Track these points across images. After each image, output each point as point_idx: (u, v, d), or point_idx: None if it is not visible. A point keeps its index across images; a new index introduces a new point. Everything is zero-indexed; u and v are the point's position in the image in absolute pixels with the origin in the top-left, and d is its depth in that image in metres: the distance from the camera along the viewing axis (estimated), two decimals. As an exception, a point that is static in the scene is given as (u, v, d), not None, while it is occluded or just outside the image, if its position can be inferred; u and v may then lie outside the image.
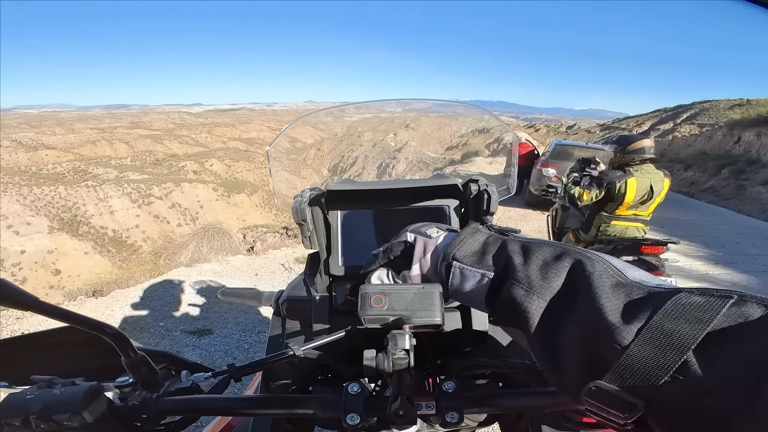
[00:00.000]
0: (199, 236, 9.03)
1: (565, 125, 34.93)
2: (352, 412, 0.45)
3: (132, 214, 32.46)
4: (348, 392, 0.47)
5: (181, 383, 0.51)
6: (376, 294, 0.48)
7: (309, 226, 0.68)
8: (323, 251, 0.71)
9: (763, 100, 16.93)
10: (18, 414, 0.41)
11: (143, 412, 0.45)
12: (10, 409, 0.42)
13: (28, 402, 0.42)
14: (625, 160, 2.77)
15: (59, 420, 0.41)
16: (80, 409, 0.41)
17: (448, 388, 0.47)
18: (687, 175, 14.02)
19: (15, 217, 27.28)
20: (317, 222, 0.70)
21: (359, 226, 0.71)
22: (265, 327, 3.30)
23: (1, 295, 0.38)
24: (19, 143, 43.72)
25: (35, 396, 0.42)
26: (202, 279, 4.32)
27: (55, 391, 0.43)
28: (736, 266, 5.27)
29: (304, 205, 0.67)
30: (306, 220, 0.67)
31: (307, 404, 0.49)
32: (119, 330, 0.46)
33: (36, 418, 0.41)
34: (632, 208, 2.85)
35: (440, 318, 0.48)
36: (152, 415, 0.46)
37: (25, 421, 0.41)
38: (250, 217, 38.76)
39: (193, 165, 46.45)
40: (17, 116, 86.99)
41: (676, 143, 17.96)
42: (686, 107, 23.19)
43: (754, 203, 10.17)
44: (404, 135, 2.63)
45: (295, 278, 0.81)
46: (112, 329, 0.45)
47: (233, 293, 1.02)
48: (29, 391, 0.43)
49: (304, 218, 0.67)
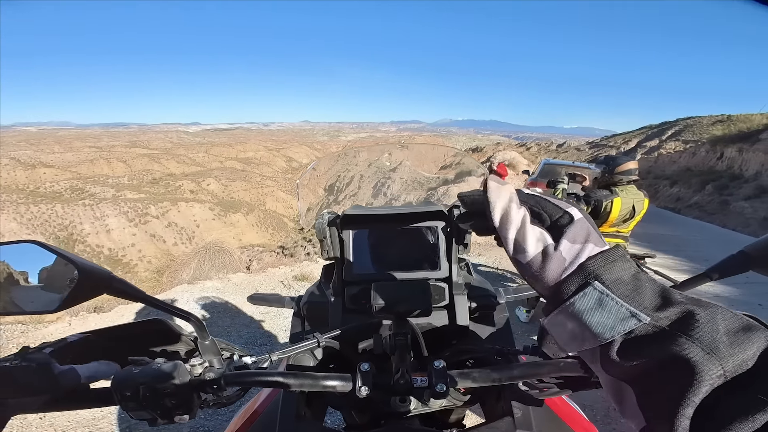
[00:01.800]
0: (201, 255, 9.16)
1: (556, 143, 35.61)
2: (364, 385, 0.57)
3: (128, 233, 32.37)
4: (360, 369, 0.59)
5: (236, 363, 0.62)
6: (383, 289, 0.70)
7: (328, 241, 0.85)
8: (338, 262, 0.86)
9: (743, 116, 17.28)
10: (129, 385, 0.50)
11: (214, 384, 0.56)
12: (123, 382, 0.51)
13: (135, 376, 0.51)
14: (613, 180, 2.94)
15: (161, 389, 0.51)
16: (174, 380, 0.51)
17: (438, 365, 0.59)
18: (673, 191, 14.29)
19: (12, 235, 27.17)
20: (333, 238, 0.86)
21: (367, 242, 0.87)
22: (266, 340, 3.51)
23: (116, 288, 0.50)
24: (17, 161, 43.80)
25: (140, 371, 0.51)
26: (205, 295, 4.45)
27: (154, 367, 0.52)
28: (720, 279, 5.45)
29: (324, 225, 0.84)
30: (326, 237, 0.85)
31: (329, 380, 0.59)
32: (200, 319, 0.57)
33: (144, 387, 0.50)
34: (614, 226, 3.02)
35: (429, 306, 0.71)
36: (220, 386, 0.56)
37: (135, 391, 0.50)
38: (246, 236, 38.66)
39: (190, 184, 46.61)
40: (17, 134, 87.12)
41: (662, 160, 18.34)
42: (671, 124, 23.58)
43: (738, 218, 10.43)
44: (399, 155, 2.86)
45: (311, 286, 0.98)
46: (195, 317, 0.57)
47: (260, 298, 1.15)
48: (133, 368, 0.52)
49: (325, 235, 0.84)
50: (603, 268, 0.33)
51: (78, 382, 0.52)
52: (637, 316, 0.30)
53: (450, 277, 0.85)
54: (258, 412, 0.80)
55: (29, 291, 0.50)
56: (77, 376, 0.52)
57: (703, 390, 0.26)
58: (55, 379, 0.48)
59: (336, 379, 0.59)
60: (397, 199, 1.71)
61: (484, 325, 0.86)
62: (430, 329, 0.79)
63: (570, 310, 0.33)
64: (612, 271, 0.33)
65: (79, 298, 0.47)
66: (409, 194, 1.72)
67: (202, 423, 2.38)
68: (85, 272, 0.47)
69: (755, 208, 10.53)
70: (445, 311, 0.83)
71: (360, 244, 0.86)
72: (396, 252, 0.86)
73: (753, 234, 8.92)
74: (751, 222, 9.92)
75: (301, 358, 0.73)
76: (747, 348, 0.28)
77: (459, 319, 0.81)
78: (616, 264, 0.33)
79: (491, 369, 0.60)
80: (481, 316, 0.88)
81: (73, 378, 0.51)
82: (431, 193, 1.81)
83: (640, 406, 0.30)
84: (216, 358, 0.59)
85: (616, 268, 0.33)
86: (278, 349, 0.66)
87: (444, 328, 0.80)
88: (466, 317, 0.82)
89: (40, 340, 3.22)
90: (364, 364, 0.59)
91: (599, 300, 0.32)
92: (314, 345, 0.68)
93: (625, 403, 0.31)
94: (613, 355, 0.31)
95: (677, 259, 6.14)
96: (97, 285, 0.48)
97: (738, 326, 0.29)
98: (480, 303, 0.86)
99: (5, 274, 0.50)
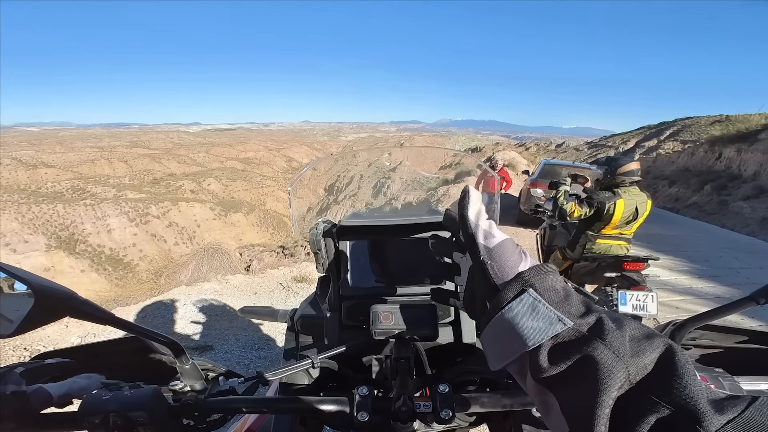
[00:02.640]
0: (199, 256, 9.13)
1: (555, 143, 35.53)
2: (362, 411, 0.52)
3: (129, 232, 32.40)
4: (358, 394, 0.54)
5: (221, 386, 0.59)
6: (384, 312, 0.65)
7: (323, 253, 0.77)
8: (334, 275, 0.79)
9: (741, 116, 17.22)
10: (98, 412, 0.46)
11: (194, 410, 0.52)
12: (90, 409, 0.47)
13: (105, 402, 0.47)
14: (615, 181, 2.89)
15: (133, 417, 0.46)
16: (148, 407, 0.47)
17: (443, 390, 0.54)
18: (671, 191, 14.26)
19: (13, 235, 27.24)
20: (329, 250, 0.78)
21: (365, 253, 0.79)
22: (264, 344, 3.44)
23: (79, 309, 0.45)
24: (19, 161, 43.92)
25: (111, 397, 0.48)
26: (203, 297, 4.38)
27: (126, 393, 0.48)
28: (719, 279, 5.35)
29: (319, 236, 0.76)
30: (320, 249, 0.76)
31: (324, 404, 0.55)
32: (177, 341, 0.53)
33: (114, 415, 0.46)
34: (617, 228, 2.97)
35: (436, 330, 0.65)
36: (201, 413, 0.52)
37: (104, 419, 0.46)
38: (246, 236, 38.66)
39: (191, 184, 46.60)
40: (18, 134, 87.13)
41: (660, 160, 18.27)
42: (669, 124, 23.52)
43: (736, 218, 10.43)
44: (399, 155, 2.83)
45: (306, 298, 0.91)
46: (171, 340, 0.52)
47: (251, 311, 1.09)
48: (103, 393, 0.49)
49: (319, 248, 0.76)
50: (537, 278, 0.36)
51: (49, 401, 0.49)
52: (563, 320, 0.33)
53: (456, 291, 0.77)
54: (251, 430, 0.76)
55: None
56: (47, 396, 0.48)
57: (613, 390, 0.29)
58: (17, 400, 0.45)
59: (331, 404, 0.55)
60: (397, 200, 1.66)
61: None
62: (434, 346, 0.75)
63: (507, 315, 0.36)
64: (545, 280, 0.36)
65: (36, 322, 0.43)
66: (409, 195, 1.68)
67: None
68: (42, 294, 0.43)
69: (754, 208, 10.52)
70: (450, 328, 0.77)
71: (358, 256, 0.79)
72: (397, 264, 0.80)
73: (752, 234, 9.01)
74: (749, 222, 9.94)
75: (294, 377, 0.69)
76: (648, 353, 0.31)
77: (465, 336, 0.76)
78: (549, 275, 0.37)
79: (502, 394, 0.57)
80: None
81: (43, 398, 0.48)
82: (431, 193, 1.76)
83: (564, 413, 0.31)
84: (198, 382, 0.56)
85: (549, 279, 0.36)
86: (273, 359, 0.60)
87: (449, 345, 0.75)
88: (473, 334, 0.76)
89: (37, 342, 3.20)
90: (362, 388, 0.55)
91: (533, 305, 0.35)
92: (308, 366, 0.64)
93: (550, 413, 0.33)
94: (542, 359, 0.33)
95: (677, 259, 6.19)
96: (56, 307, 0.44)
97: (641, 334, 0.32)
98: None
99: None
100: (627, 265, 2.78)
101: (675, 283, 5.20)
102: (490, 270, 0.38)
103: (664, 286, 4.97)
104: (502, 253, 0.39)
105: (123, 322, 0.48)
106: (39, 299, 0.42)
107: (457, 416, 0.67)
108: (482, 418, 0.73)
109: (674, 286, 5.08)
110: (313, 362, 0.63)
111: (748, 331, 0.70)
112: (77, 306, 0.44)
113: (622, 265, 2.79)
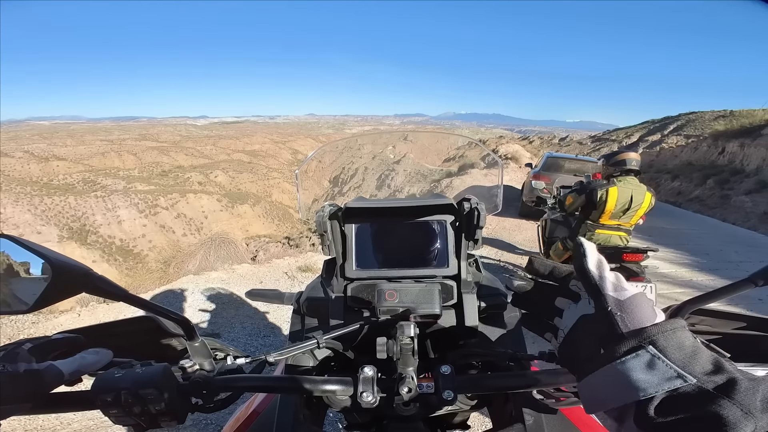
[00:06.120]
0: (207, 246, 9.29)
1: (558, 137, 35.22)
2: (366, 391, 0.53)
3: (139, 224, 32.84)
4: (362, 374, 0.55)
5: (228, 366, 0.60)
6: (389, 290, 0.66)
7: (329, 236, 0.77)
8: (339, 258, 0.79)
9: (745, 112, 17.20)
10: (110, 390, 0.46)
11: (203, 388, 0.53)
12: (103, 387, 0.47)
13: (117, 380, 0.47)
14: (609, 171, 3.02)
15: (144, 395, 0.47)
16: (158, 385, 0.47)
17: (445, 371, 0.55)
18: (674, 185, 14.28)
19: (26, 227, 27.85)
20: (335, 233, 0.78)
21: (370, 236, 0.79)
22: (270, 331, 3.50)
23: (95, 285, 0.45)
24: (31, 154, 44.40)
25: (122, 375, 0.48)
26: (210, 286, 4.41)
27: (137, 371, 0.49)
28: (719, 272, 5.38)
29: (325, 219, 0.75)
30: (326, 232, 0.76)
31: (329, 384, 0.55)
32: (188, 319, 0.53)
33: (126, 393, 0.46)
34: (615, 218, 3.04)
35: (439, 309, 0.65)
36: (210, 391, 0.53)
37: (116, 396, 0.46)
38: (253, 227, 39.05)
39: (198, 176, 46.89)
40: (30, 128, 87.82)
41: (664, 154, 18.20)
42: (673, 119, 23.37)
43: (738, 212, 10.47)
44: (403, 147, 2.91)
45: (311, 281, 0.91)
46: (183, 318, 0.53)
47: (259, 293, 1.09)
48: (116, 371, 0.49)
49: (325, 230, 0.76)
50: (660, 335, 0.34)
51: (60, 379, 0.48)
52: (684, 377, 0.32)
53: (459, 274, 0.78)
54: (257, 412, 0.77)
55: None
56: (59, 373, 0.48)
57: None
58: (30, 379, 0.45)
59: (336, 384, 0.56)
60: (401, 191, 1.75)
61: (494, 327, 0.79)
62: (437, 329, 0.75)
63: (619, 367, 0.35)
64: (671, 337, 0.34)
65: (53, 298, 0.44)
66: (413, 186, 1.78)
67: (205, 416, 2.35)
68: (60, 269, 0.43)
69: (756, 202, 10.58)
70: (453, 311, 0.76)
71: (363, 239, 0.79)
72: (402, 247, 0.80)
73: (752, 228, 9.06)
74: (751, 216, 10.00)
75: (300, 358, 0.70)
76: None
77: (467, 319, 0.75)
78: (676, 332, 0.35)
79: (503, 376, 0.59)
80: (490, 316, 0.80)
81: (54, 375, 0.47)
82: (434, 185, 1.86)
83: None
84: (207, 361, 0.57)
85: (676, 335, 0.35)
86: (279, 346, 0.67)
87: (451, 328, 0.75)
88: (476, 318, 0.75)
89: (51, 331, 3.20)
90: (366, 368, 0.56)
91: (649, 362, 0.34)
92: (313, 346, 0.65)
93: None
94: (650, 411, 0.32)
95: (678, 252, 6.28)
96: (74, 283, 0.44)
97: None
98: (489, 303, 0.78)
99: None
100: (626, 256, 2.80)
101: (675, 276, 5.25)
102: (619, 321, 0.37)
103: (664, 278, 5.06)
104: (633, 307, 0.38)
105: (137, 299, 0.50)
106: (56, 275, 0.43)
107: (459, 399, 0.69)
108: (483, 401, 0.75)
109: (674, 279, 5.14)
110: (319, 342, 0.64)
111: (747, 316, 0.69)
112: (93, 282, 0.45)
113: (622, 256, 2.80)
